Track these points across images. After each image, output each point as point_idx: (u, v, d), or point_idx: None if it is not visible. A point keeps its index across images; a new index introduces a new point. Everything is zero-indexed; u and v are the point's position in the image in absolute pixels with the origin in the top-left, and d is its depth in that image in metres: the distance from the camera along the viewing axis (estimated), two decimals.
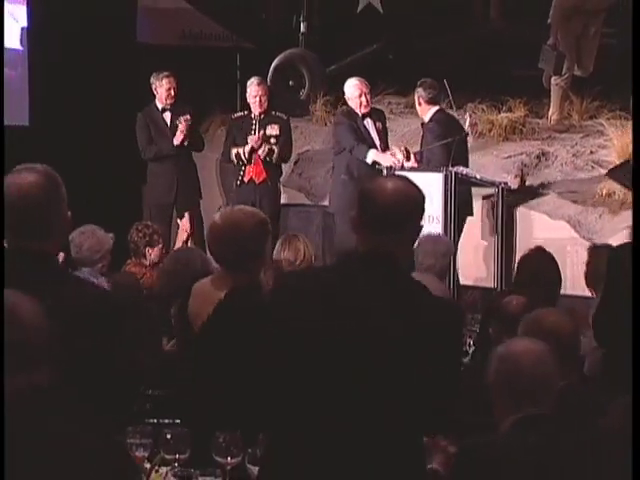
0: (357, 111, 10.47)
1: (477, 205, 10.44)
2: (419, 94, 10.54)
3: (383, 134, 10.65)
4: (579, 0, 11.51)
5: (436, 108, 10.48)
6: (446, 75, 11.07)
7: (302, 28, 13.35)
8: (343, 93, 11.21)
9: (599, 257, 6.75)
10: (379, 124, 10.66)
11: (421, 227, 3.78)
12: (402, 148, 10.31)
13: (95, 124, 11.31)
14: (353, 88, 10.59)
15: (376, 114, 10.78)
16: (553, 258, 7.02)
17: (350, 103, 10.60)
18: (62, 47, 11.88)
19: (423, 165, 10.14)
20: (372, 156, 10.11)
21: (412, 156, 10.11)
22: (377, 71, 12.74)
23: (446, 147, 9.97)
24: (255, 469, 3.78)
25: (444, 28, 12.95)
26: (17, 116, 12.19)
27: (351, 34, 13.32)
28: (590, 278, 7.06)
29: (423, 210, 3.73)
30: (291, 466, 3.47)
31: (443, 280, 8.18)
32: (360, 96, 10.41)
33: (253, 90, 10.71)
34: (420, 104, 10.56)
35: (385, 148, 10.42)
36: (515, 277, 7.46)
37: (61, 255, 6.49)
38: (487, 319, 6.35)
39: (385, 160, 10.03)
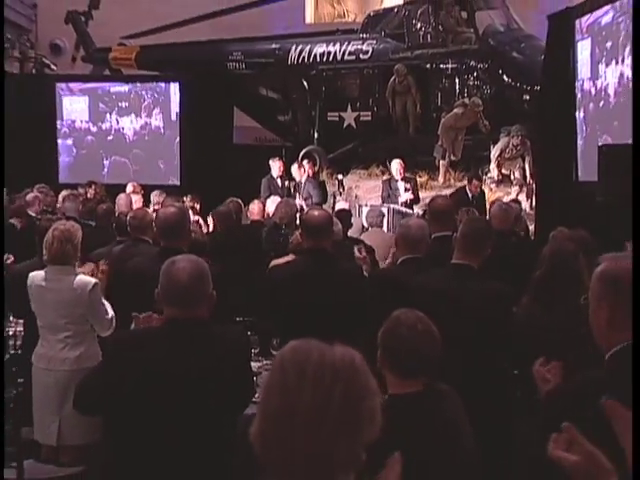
0: None
1: None
2: (299, 163, 9.93)
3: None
4: (453, 122, 11.19)
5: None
6: (387, 159, 10.80)
7: (316, 135, 13.09)
8: (340, 168, 11.30)
9: None
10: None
11: (333, 232, 3.67)
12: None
13: (215, 187, 9.83)
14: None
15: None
16: None
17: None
18: (198, 139, 11.62)
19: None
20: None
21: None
22: (353, 157, 12.66)
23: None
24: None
25: (385, 136, 12.34)
26: (171, 177, 11.81)
27: (340, 138, 12.77)
28: None
29: (332, 224, 3.68)
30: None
31: (388, 231, 7.39)
32: None
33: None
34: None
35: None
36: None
37: None
38: None
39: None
